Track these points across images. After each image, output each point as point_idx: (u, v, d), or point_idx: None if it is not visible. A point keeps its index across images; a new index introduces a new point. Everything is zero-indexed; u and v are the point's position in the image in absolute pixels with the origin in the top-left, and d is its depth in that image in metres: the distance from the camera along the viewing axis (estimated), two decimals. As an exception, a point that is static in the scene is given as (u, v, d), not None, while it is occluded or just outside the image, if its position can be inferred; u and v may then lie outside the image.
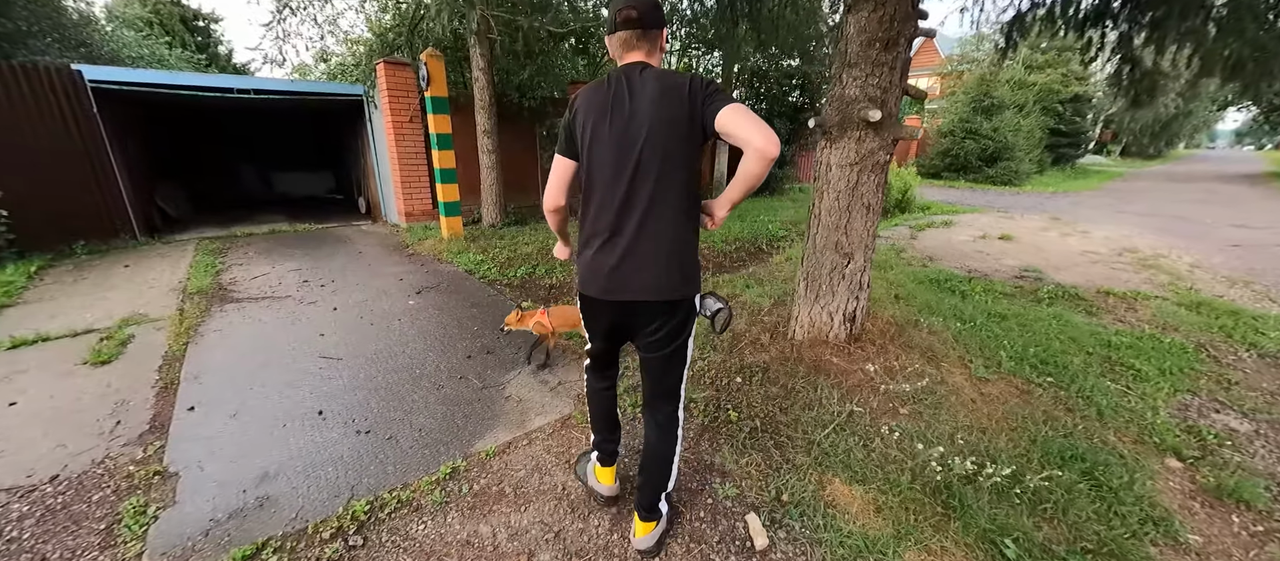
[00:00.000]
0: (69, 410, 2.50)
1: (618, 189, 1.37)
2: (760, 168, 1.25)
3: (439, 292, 4.44)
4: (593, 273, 1.47)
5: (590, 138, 1.38)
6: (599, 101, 1.36)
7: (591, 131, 1.37)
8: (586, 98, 1.40)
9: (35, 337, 3.27)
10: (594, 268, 1.46)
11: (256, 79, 6.88)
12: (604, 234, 1.42)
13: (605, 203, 1.40)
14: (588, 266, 1.48)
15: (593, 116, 1.37)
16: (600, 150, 1.37)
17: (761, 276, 4.90)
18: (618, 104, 1.34)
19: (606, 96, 1.35)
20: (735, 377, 2.75)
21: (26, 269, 4.77)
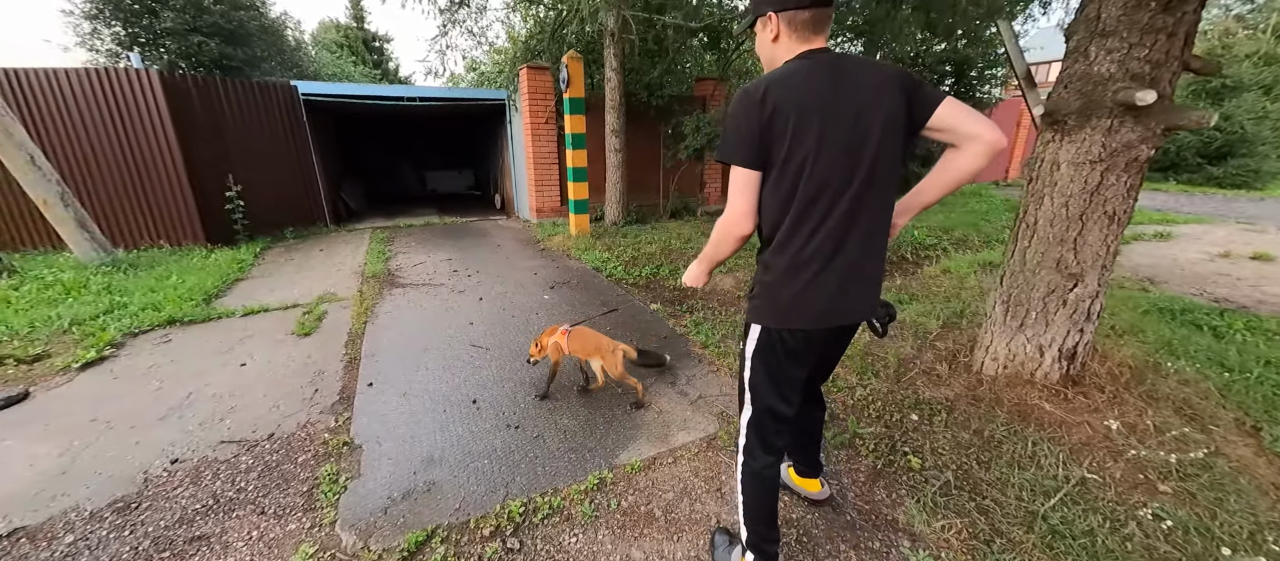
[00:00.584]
0: (281, 375, 2.92)
1: (843, 201, 1.16)
2: (981, 166, 1.17)
3: (570, 289, 4.54)
4: (809, 300, 1.23)
5: (811, 141, 1.13)
6: (812, 97, 1.13)
7: (810, 134, 1.13)
8: (789, 92, 1.13)
9: (259, 307, 3.94)
10: (811, 294, 1.22)
11: (421, 88, 7.76)
12: (826, 255, 1.19)
13: (827, 217, 1.17)
14: (801, 295, 1.22)
15: (806, 116, 1.13)
16: (826, 156, 1.14)
17: (915, 291, 4.26)
18: (840, 100, 1.13)
19: (821, 90, 1.13)
20: (909, 414, 2.34)
21: (254, 248, 5.86)
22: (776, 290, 1.25)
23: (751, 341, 1.32)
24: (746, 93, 1.16)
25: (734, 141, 1.19)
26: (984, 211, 8.67)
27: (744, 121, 1.16)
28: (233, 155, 6.20)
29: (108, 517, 1.87)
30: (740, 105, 1.17)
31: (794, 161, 1.15)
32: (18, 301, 3.86)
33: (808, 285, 1.21)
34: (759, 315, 1.29)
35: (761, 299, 1.28)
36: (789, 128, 1.13)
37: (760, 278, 1.29)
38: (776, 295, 1.25)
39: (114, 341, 3.31)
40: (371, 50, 23.38)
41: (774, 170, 1.18)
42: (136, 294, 4.07)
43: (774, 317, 1.26)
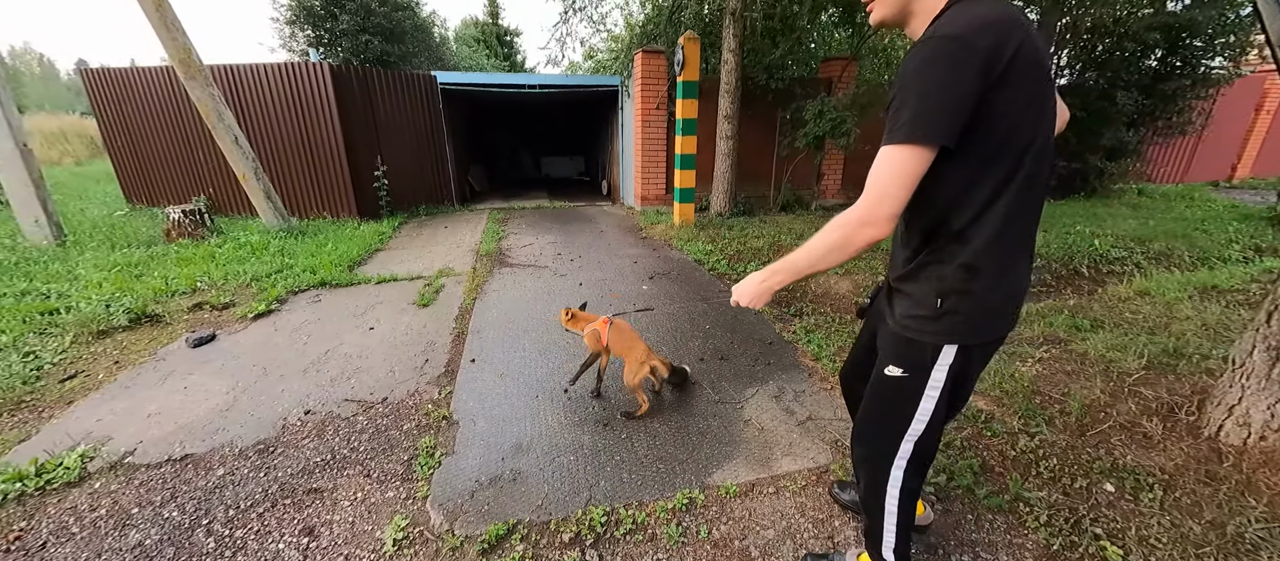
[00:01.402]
0: (400, 342, 3.14)
1: (1044, 176, 0.97)
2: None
3: (670, 280, 4.36)
4: (1014, 298, 1.06)
5: (1041, 103, 0.92)
6: (1041, 55, 0.91)
7: (1042, 92, 0.92)
8: (1021, 36, 0.87)
9: (390, 277, 4.34)
10: (1017, 291, 1.05)
11: (541, 75, 8.07)
12: (1028, 245, 1.04)
13: (1036, 200, 0.99)
14: (1011, 295, 1.04)
15: (1040, 67, 0.90)
16: (1046, 123, 0.94)
17: (1099, 316, 3.39)
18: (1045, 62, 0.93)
19: (1039, 49, 0.91)
20: (1102, 482, 1.78)
21: (393, 222, 6.56)
22: (985, 296, 1.00)
23: (941, 368, 1.06)
24: (960, 41, 0.86)
25: (933, 113, 0.87)
26: (1197, 219, 6.81)
27: (956, 83, 0.86)
28: (381, 139, 6.98)
29: (251, 457, 2.10)
30: (951, 58, 0.86)
31: (1025, 130, 0.91)
32: (219, 257, 4.69)
33: (1015, 282, 1.03)
34: (958, 332, 1.03)
35: (962, 312, 1.01)
36: (1026, 84, 0.89)
37: (960, 284, 1.00)
38: (985, 302, 1.01)
39: (279, 297, 3.85)
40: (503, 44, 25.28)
41: (990, 142, 0.91)
42: (300, 257, 4.72)
43: (977, 331, 1.04)
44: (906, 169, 0.89)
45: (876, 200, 0.92)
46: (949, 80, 0.86)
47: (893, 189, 0.91)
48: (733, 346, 3.05)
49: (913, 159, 0.89)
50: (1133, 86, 7.56)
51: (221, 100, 5.12)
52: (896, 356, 1.11)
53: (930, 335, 1.04)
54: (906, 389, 1.10)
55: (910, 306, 1.07)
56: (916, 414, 1.11)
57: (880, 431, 1.20)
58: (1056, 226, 6.31)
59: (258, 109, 6.30)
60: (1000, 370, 2.56)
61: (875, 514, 1.27)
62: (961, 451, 1.99)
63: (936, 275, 1.02)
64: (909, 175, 0.90)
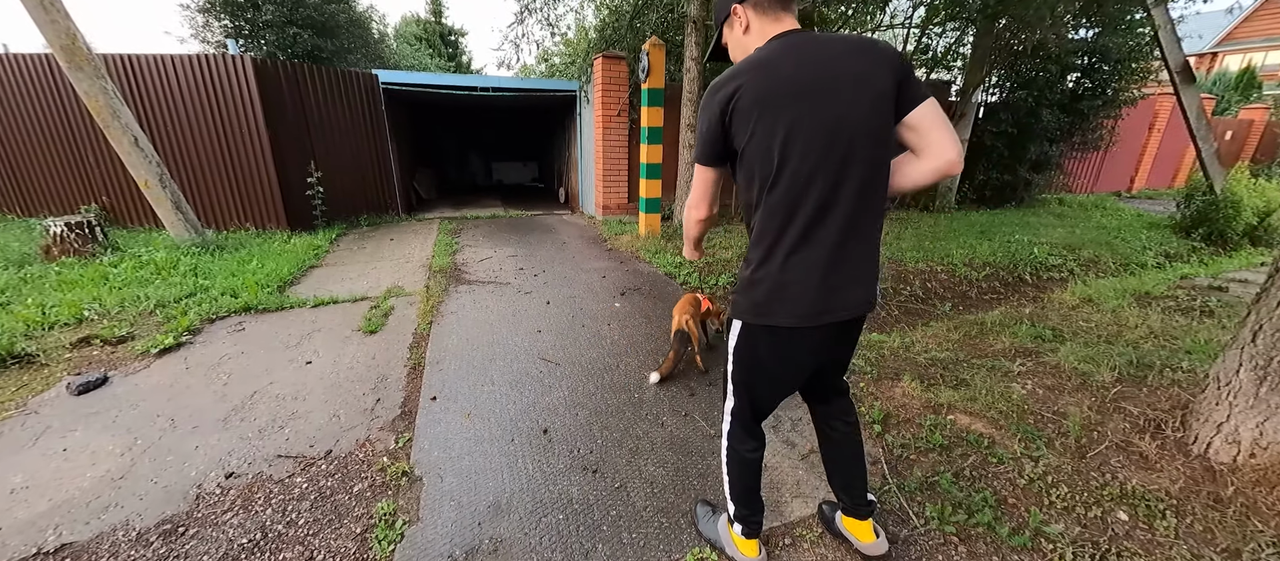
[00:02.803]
0: (344, 378, 2.73)
1: (817, 189, 1.10)
2: (929, 183, 1.18)
3: (643, 297, 4.16)
4: (790, 296, 1.17)
5: (779, 128, 1.08)
6: (780, 81, 1.08)
7: (778, 120, 1.08)
8: (751, 80, 1.09)
9: (329, 299, 3.85)
10: (793, 290, 1.16)
11: (495, 78, 7.66)
12: (805, 248, 1.14)
13: (799, 207, 1.11)
14: (779, 291, 1.17)
15: (772, 101, 1.08)
16: (798, 142, 1.08)
17: (1057, 325, 3.53)
18: (817, 78, 1.07)
19: (790, 73, 1.08)
20: (1115, 510, 1.74)
21: (330, 235, 5.94)
22: (753, 283, 1.21)
23: (732, 337, 1.32)
24: (712, 91, 1.15)
25: (702, 142, 1.20)
26: (1114, 227, 7.45)
27: (705, 117, 1.17)
28: (315, 142, 6.33)
29: (153, 541, 1.68)
30: (706, 104, 1.16)
31: (760, 150, 1.11)
32: (115, 279, 3.99)
33: (786, 281, 1.16)
34: (738, 310, 1.27)
35: (742, 294, 1.24)
36: (752, 117, 1.09)
37: (743, 272, 1.25)
38: (753, 288, 1.21)
39: (192, 327, 3.29)
40: (447, 44, 24.21)
41: (743, 162, 1.16)
42: (218, 277, 4.11)
43: (752, 313, 1.23)
44: (705, 179, 1.28)
45: (693, 201, 1.35)
46: (702, 115, 1.19)
47: (698, 190, 1.32)
48: (721, 370, 2.88)
49: (703, 174, 1.27)
50: (1055, 105, 8.22)
51: (117, 95, 4.39)
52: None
53: (731, 308, 1.31)
54: (724, 353, 1.40)
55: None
56: (729, 379, 1.41)
57: (723, 399, 1.49)
58: (998, 235, 6.68)
59: (165, 107, 5.51)
60: (990, 388, 2.55)
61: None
62: (973, 481, 1.91)
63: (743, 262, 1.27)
64: (696, 176, 1.28)
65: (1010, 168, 8.70)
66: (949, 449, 2.11)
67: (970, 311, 4.54)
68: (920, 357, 3.04)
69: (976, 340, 3.42)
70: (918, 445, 2.13)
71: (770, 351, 1.26)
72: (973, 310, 4.62)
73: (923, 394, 2.52)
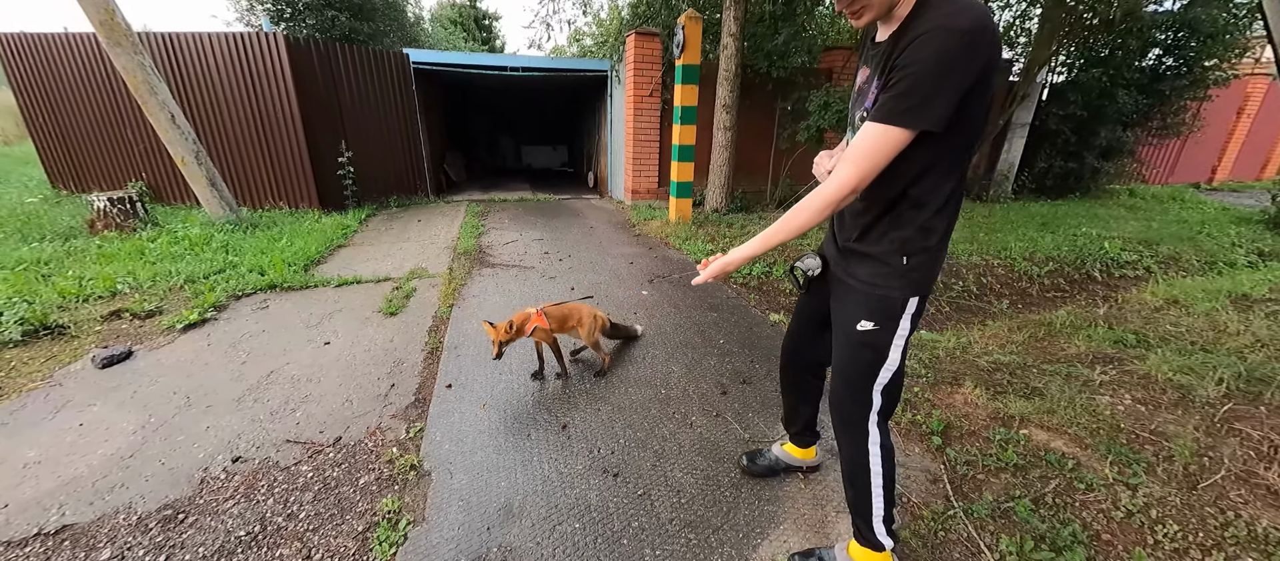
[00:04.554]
0: (361, 361, 2.63)
1: None
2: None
3: (671, 285, 3.94)
4: (939, 265, 1.17)
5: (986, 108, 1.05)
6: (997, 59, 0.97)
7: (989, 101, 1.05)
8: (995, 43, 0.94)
9: (353, 279, 3.79)
10: (942, 259, 1.17)
11: (525, 57, 7.49)
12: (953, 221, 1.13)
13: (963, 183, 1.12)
14: (939, 257, 1.15)
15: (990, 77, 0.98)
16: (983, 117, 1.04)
17: (1140, 329, 3.12)
18: None
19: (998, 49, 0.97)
20: (1242, 556, 1.44)
21: (359, 215, 5.94)
22: (937, 252, 1.14)
23: (907, 317, 1.17)
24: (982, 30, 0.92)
25: (943, 96, 0.95)
26: (1196, 222, 6.73)
27: (967, 68, 0.94)
28: (346, 122, 6.33)
29: (152, 528, 1.59)
30: (971, 45, 0.92)
31: (979, 122, 1.05)
32: (150, 253, 4.05)
33: (946, 243, 1.15)
34: (919, 284, 1.16)
35: (923, 267, 1.14)
36: (990, 85, 1.01)
37: (921, 243, 1.13)
38: (936, 257, 1.15)
39: (218, 303, 3.27)
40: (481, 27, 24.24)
41: (959, 130, 1.01)
42: (248, 254, 4.12)
43: (928, 284, 1.16)
44: (884, 139, 0.99)
45: (867, 171, 1.02)
46: (960, 62, 0.92)
47: (879, 162, 1.01)
48: (753, 366, 2.65)
49: (901, 140, 0.99)
50: (1132, 85, 7.44)
51: (154, 71, 4.44)
52: (868, 312, 1.19)
53: (898, 289, 1.15)
54: (878, 340, 1.20)
55: (875, 267, 1.17)
56: (886, 362, 1.21)
57: (855, 386, 1.26)
58: (1062, 227, 6.12)
59: (202, 84, 5.58)
60: (1069, 399, 2.23)
61: (861, 483, 1.30)
62: (1057, 511, 1.63)
63: (899, 238, 1.13)
64: (893, 152, 1.00)
65: (1076, 155, 7.98)
66: (1024, 469, 1.82)
67: (1032, 310, 4.13)
68: (981, 361, 2.72)
69: (1045, 343, 3.07)
70: (986, 463, 1.85)
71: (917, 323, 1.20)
72: (1034, 308, 4.21)
73: (989, 403, 2.22)
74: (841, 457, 1.36)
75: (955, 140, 1.01)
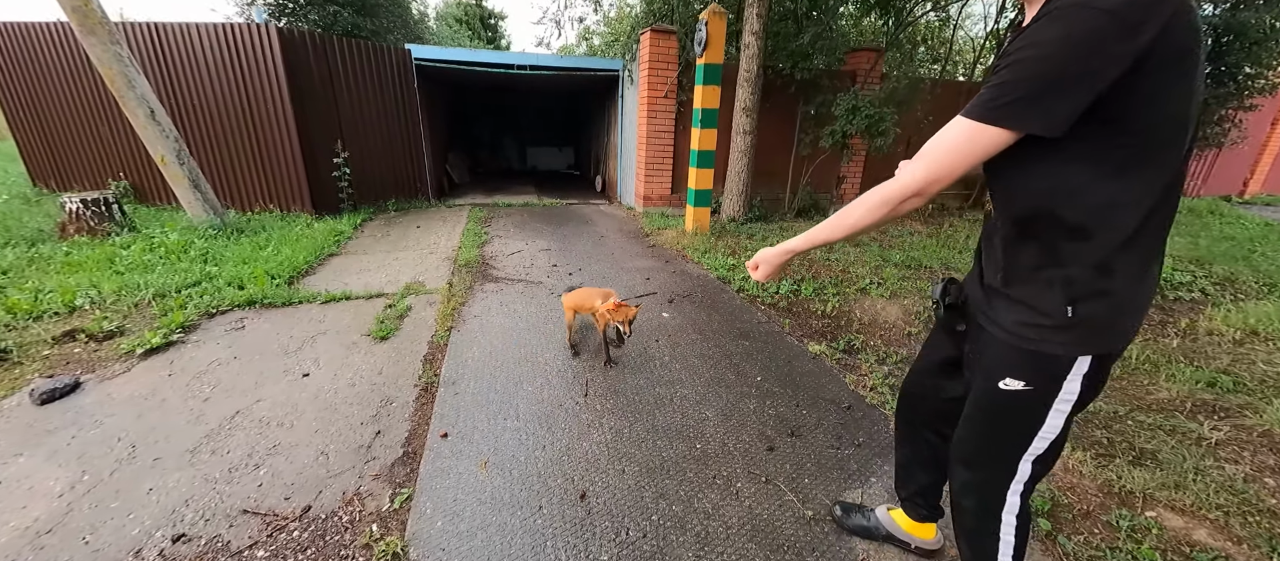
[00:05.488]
0: (343, 400, 2.26)
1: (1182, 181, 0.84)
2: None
3: (694, 306, 3.56)
4: (1144, 303, 0.89)
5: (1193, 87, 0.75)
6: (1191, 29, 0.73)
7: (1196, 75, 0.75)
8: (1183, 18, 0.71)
9: (342, 294, 3.42)
10: (1146, 302, 0.89)
11: (534, 55, 7.14)
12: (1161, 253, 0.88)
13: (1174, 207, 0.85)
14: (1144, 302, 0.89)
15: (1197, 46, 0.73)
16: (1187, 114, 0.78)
17: (1227, 367, 2.74)
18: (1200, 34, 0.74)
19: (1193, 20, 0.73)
20: None
21: (355, 220, 5.58)
22: (1123, 301, 0.86)
23: (1075, 379, 0.90)
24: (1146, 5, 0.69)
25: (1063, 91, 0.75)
26: (1244, 239, 6.33)
27: (1113, 54, 0.71)
28: (343, 120, 5.97)
29: (54, 646, 1.22)
30: (1126, 25, 0.69)
31: (1171, 119, 0.77)
32: (121, 262, 3.69)
33: (1151, 286, 0.89)
34: (1094, 341, 0.88)
35: (1100, 317, 0.86)
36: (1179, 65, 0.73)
37: (1095, 285, 0.85)
38: (1122, 307, 0.86)
39: (187, 323, 2.91)
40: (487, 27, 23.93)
41: (1129, 129, 0.76)
42: (229, 264, 3.76)
43: (1111, 338, 0.89)
44: (979, 149, 0.83)
45: (939, 173, 0.87)
46: (1090, 61, 0.72)
47: (957, 163, 0.86)
48: (800, 413, 2.27)
49: (996, 141, 0.81)
50: (1172, 93, 7.03)
51: (132, 63, 4.08)
52: (1014, 368, 0.95)
53: (1061, 346, 0.89)
54: (1028, 403, 0.96)
55: (1028, 315, 0.92)
56: (1041, 431, 0.97)
57: (995, 453, 1.05)
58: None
59: (188, 78, 5.22)
60: (1193, 467, 1.84)
61: (984, 546, 1.11)
62: (1232, 643, 1.25)
63: (1061, 279, 0.88)
64: (982, 154, 0.84)
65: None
66: (1171, 574, 1.44)
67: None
68: (1062, 407, 2.33)
69: (1124, 383, 2.68)
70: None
71: (1098, 383, 0.94)
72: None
73: (1097, 472, 1.84)
74: (960, 510, 1.13)
75: (1127, 145, 0.77)
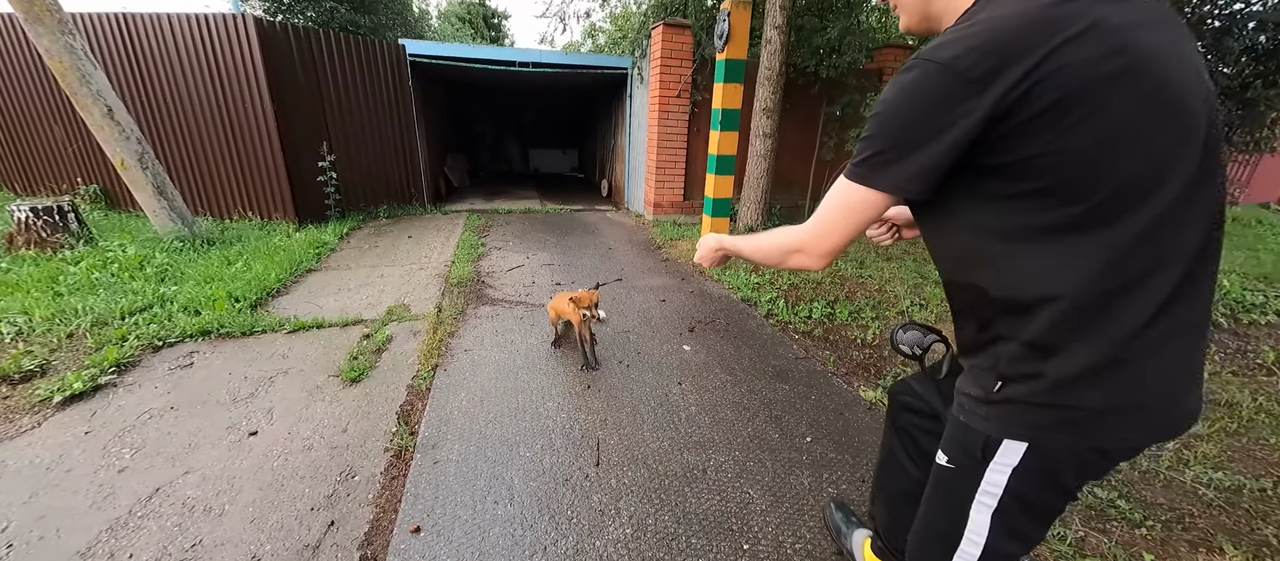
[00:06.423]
0: (295, 469, 1.80)
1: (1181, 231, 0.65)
2: None
3: (718, 335, 3.09)
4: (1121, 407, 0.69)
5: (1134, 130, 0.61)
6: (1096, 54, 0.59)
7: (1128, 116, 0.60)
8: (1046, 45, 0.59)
9: (313, 322, 2.96)
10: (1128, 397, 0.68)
11: (538, 52, 6.70)
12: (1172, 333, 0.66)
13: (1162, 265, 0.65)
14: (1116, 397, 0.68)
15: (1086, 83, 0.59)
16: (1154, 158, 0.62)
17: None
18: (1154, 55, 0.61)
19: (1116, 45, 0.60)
20: None
21: (340, 229, 5.14)
22: (1069, 385, 0.69)
23: (998, 469, 0.77)
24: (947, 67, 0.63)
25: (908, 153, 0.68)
26: (1307, 253, 5.83)
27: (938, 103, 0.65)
28: (330, 120, 5.53)
29: None
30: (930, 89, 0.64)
31: (1117, 171, 0.62)
32: (65, 281, 3.25)
33: (1143, 379, 0.68)
34: (1021, 424, 0.74)
35: (1030, 400, 0.72)
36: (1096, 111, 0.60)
37: (1029, 367, 0.71)
38: (1072, 393, 0.69)
39: (125, 360, 2.46)
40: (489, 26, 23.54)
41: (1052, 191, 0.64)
42: (188, 283, 3.31)
43: (1061, 429, 0.72)
44: (855, 210, 0.76)
45: (824, 232, 0.81)
46: (922, 121, 0.66)
47: (844, 226, 0.79)
48: (856, 478, 1.80)
49: (867, 202, 0.74)
50: (1222, 93, 6.54)
51: (86, 56, 3.65)
52: (947, 440, 0.85)
53: (981, 421, 0.78)
54: (953, 485, 0.84)
55: (966, 382, 0.81)
56: (966, 528, 0.83)
57: (926, 540, 0.91)
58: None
59: (158, 74, 4.78)
60: None
61: None
62: None
63: (995, 352, 0.76)
64: (862, 217, 0.77)
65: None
66: None
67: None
68: (1188, 479, 1.87)
69: (1237, 438, 2.21)
70: None
71: (1066, 489, 0.77)
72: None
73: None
74: None
75: (1051, 207, 0.64)
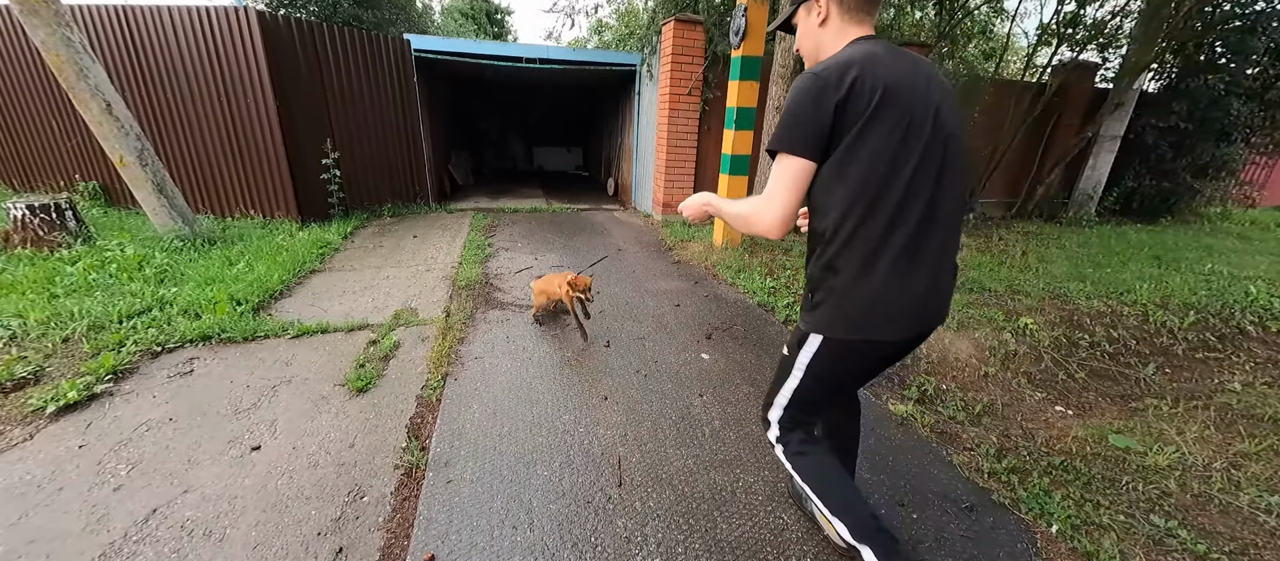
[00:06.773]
0: (300, 488, 1.70)
1: (926, 189, 1.03)
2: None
3: (736, 342, 2.98)
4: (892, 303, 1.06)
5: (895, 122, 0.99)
6: (894, 76, 0.99)
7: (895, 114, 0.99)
8: (871, 69, 0.98)
9: (318, 326, 2.86)
10: (895, 296, 1.06)
11: (545, 48, 6.57)
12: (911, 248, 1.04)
13: (909, 207, 1.02)
14: (882, 297, 1.05)
15: (892, 94, 0.98)
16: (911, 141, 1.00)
17: None
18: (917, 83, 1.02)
19: (902, 70, 1.01)
20: None
21: (344, 228, 5.03)
22: (845, 294, 1.07)
23: (807, 352, 1.17)
24: (816, 76, 1.01)
25: (795, 130, 1.02)
26: (1332, 257, 5.68)
27: (812, 107, 1.00)
28: (334, 116, 5.42)
29: None
30: (808, 89, 1.01)
31: (874, 143, 1.00)
32: (62, 281, 3.14)
33: (891, 292, 1.05)
34: (822, 325, 1.12)
35: (827, 305, 1.10)
36: (871, 107, 0.98)
37: (823, 280, 1.10)
38: (846, 299, 1.07)
39: (121, 366, 2.35)
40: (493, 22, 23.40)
41: (846, 156, 1.02)
42: (188, 285, 3.21)
43: (842, 327, 1.10)
44: (783, 172, 1.04)
45: (765, 202, 1.07)
46: (804, 103, 1.01)
47: (777, 190, 1.05)
48: (911, 518, 1.69)
49: (789, 165, 1.03)
50: (1245, 94, 6.41)
51: (84, 50, 3.54)
52: (790, 339, 1.25)
53: (805, 323, 1.17)
54: (784, 365, 1.25)
55: (803, 296, 1.20)
56: (784, 386, 1.26)
57: (768, 394, 1.34)
58: (1182, 261, 5.12)
59: (159, 68, 4.67)
60: None
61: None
62: None
63: (812, 271, 1.14)
64: (785, 177, 1.04)
65: (1169, 173, 6.96)
66: None
67: (1185, 377, 3.16)
68: (1244, 504, 1.76)
69: None
70: None
71: (853, 366, 1.21)
72: (1185, 375, 3.22)
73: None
74: None
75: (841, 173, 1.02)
